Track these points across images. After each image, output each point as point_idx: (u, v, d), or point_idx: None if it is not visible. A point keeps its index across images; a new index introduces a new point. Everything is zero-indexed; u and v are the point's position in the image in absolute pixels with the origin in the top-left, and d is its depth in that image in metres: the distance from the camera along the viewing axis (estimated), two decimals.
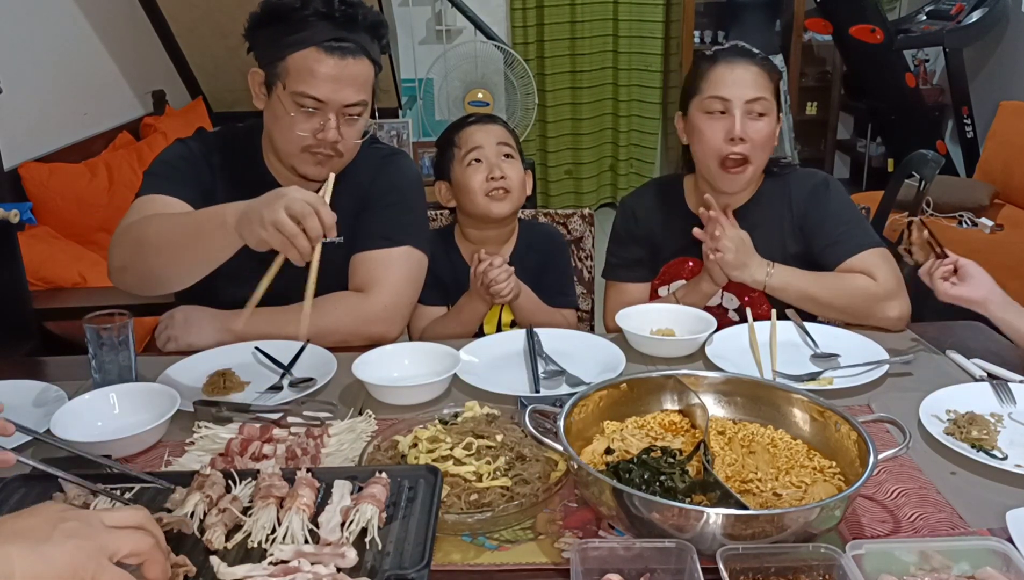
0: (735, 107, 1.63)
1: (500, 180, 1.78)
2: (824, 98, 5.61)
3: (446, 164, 1.86)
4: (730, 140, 1.64)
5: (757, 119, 1.65)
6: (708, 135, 1.66)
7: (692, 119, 1.70)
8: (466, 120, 1.87)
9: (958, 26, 4.61)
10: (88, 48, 3.58)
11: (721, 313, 1.77)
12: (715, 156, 1.66)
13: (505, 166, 1.80)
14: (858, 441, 1.06)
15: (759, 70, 1.66)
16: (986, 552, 0.91)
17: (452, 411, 1.26)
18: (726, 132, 1.64)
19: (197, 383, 1.47)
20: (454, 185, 1.84)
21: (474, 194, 1.79)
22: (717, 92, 1.65)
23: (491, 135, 1.82)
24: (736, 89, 1.64)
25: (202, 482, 1.02)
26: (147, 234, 1.41)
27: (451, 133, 1.87)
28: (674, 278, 1.82)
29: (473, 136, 1.82)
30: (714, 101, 1.65)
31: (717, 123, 1.65)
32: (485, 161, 1.80)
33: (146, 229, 1.42)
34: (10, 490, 1.06)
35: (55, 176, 2.94)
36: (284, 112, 1.50)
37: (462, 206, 1.85)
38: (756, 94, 1.64)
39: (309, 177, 1.57)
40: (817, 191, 1.74)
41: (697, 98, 1.69)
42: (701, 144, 1.69)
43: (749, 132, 1.63)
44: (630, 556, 0.92)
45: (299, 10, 1.45)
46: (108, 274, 1.53)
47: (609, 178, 5.80)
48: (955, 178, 4.53)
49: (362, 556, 0.92)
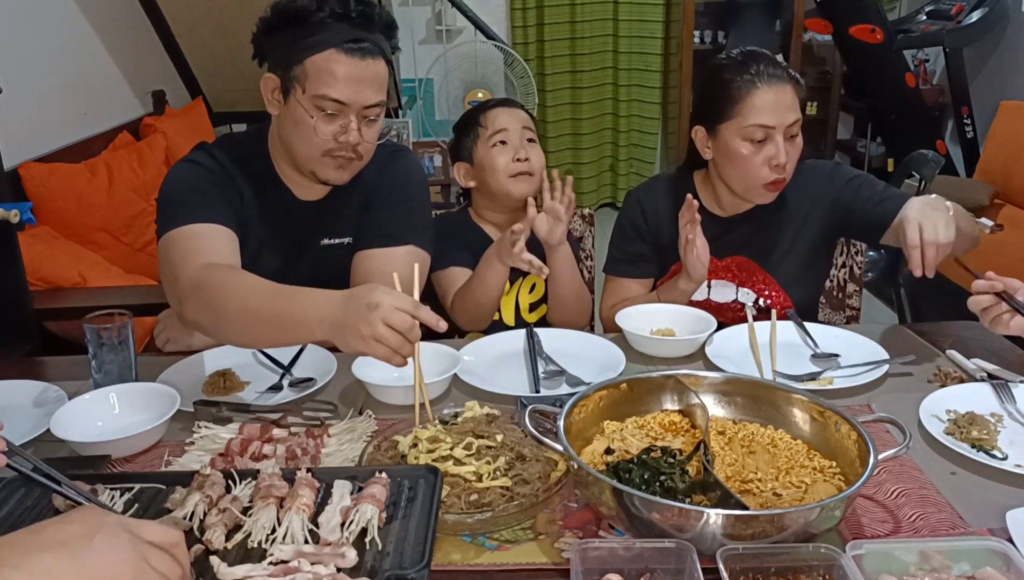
0: (777, 133, 1.61)
1: (525, 162, 1.81)
2: (824, 98, 5.61)
3: (468, 144, 1.87)
4: (774, 166, 1.63)
5: (793, 139, 1.64)
6: (754, 164, 1.64)
7: (729, 144, 1.65)
8: (488, 104, 1.89)
9: (958, 26, 4.60)
10: (88, 48, 3.58)
11: (737, 308, 1.78)
12: (759, 182, 1.65)
13: (529, 149, 1.83)
14: (858, 441, 1.06)
15: (793, 89, 1.64)
16: (986, 552, 0.91)
17: (452, 411, 1.26)
18: (769, 159, 1.62)
19: (197, 383, 1.47)
20: (476, 165, 1.85)
21: (499, 174, 1.81)
22: (760, 120, 1.61)
23: (516, 119, 1.85)
24: (778, 115, 1.61)
25: (202, 482, 1.03)
26: (227, 307, 1.30)
27: (475, 114, 1.88)
28: None
29: (499, 117, 1.84)
30: (756, 130, 1.61)
31: (760, 152, 1.63)
32: (510, 143, 1.82)
33: (226, 299, 1.30)
34: (10, 490, 1.06)
35: (55, 176, 2.94)
36: (304, 116, 1.47)
37: (484, 186, 1.86)
38: (795, 117, 1.63)
39: (330, 181, 1.56)
40: (833, 174, 1.76)
41: (735, 123, 1.63)
42: (743, 171, 1.66)
43: (789, 155, 1.63)
44: (630, 556, 0.92)
45: (315, 12, 1.43)
46: (178, 315, 1.45)
47: (609, 178, 5.80)
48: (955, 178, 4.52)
49: (362, 556, 0.92)
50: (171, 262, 1.44)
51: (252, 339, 1.36)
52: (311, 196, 1.63)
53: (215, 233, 1.48)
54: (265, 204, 1.60)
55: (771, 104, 1.61)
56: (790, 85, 1.64)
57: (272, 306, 1.24)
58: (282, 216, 1.62)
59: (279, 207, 1.61)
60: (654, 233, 1.82)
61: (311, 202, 1.63)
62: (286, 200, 1.62)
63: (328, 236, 1.65)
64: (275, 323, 1.24)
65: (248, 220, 1.58)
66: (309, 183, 1.60)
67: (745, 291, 1.78)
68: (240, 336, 1.34)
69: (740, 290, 1.78)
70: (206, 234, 1.47)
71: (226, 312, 1.29)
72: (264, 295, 1.27)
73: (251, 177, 1.60)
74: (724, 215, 1.78)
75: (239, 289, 1.30)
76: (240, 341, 1.38)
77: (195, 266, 1.38)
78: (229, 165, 1.58)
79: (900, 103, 4.87)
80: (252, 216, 1.59)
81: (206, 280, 1.34)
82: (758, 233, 1.77)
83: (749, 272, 1.77)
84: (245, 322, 1.28)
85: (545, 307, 1.86)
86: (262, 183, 1.60)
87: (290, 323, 1.21)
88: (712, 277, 1.79)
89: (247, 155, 1.61)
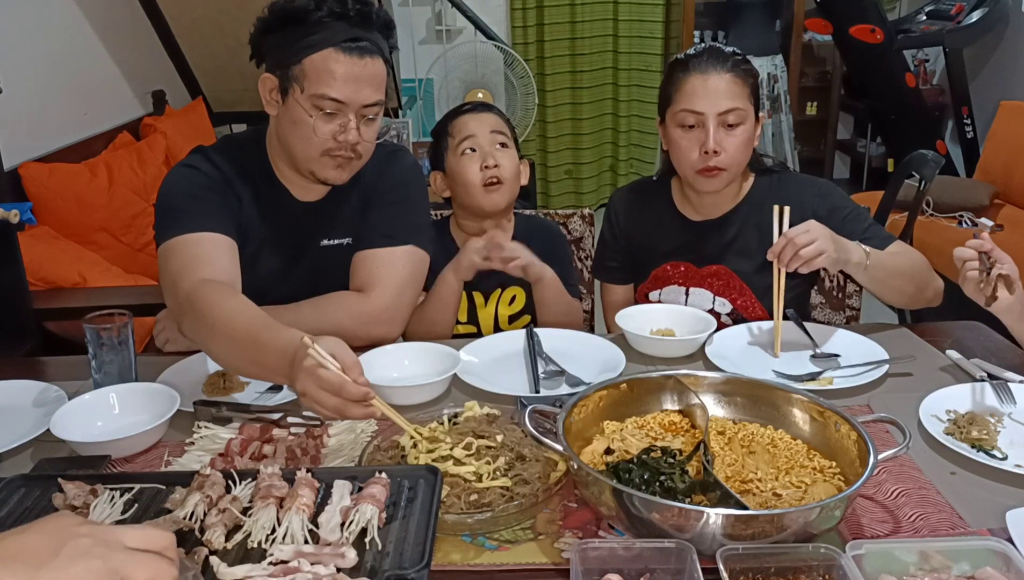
0: (708, 120, 1.61)
1: (494, 169, 1.76)
2: (824, 98, 5.61)
3: (440, 154, 1.84)
4: (704, 153, 1.63)
5: (731, 129, 1.63)
6: (683, 148, 1.65)
7: (668, 130, 1.69)
8: (460, 109, 1.85)
9: (958, 26, 4.61)
10: (88, 48, 3.58)
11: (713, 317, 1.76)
12: (690, 168, 1.66)
13: (499, 155, 1.78)
14: (858, 441, 1.06)
15: (732, 77, 1.63)
16: (986, 552, 0.91)
17: (452, 411, 1.26)
18: (700, 145, 1.63)
19: (197, 383, 1.47)
20: (449, 174, 1.83)
21: (469, 185, 1.77)
22: (689, 105, 1.63)
23: (484, 124, 1.80)
24: (708, 102, 1.61)
25: (202, 482, 1.02)
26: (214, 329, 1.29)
27: (445, 122, 1.85)
28: (666, 283, 1.81)
29: (467, 125, 1.80)
30: (687, 115, 1.63)
31: (691, 136, 1.64)
32: (479, 150, 1.78)
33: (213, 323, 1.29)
34: (10, 490, 1.06)
35: (55, 176, 2.94)
36: (302, 116, 1.47)
37: (456, 197, 1.84)
38: (729, 105, 1.62)
39: (329, 181, 1.56)
40: (826, 193, 1.73)
41: (671, 110, 1.67)
42: (677, 157, 1.69)
43: (723, 144, 1.62)
44: (630, 556, 0.92)
45: (313, 12, 1.43)
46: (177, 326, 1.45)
47: (609, 178, 5.80)
48: (955, 178, 4.53)
49: (362, 556, 0.92)
50: (170, 273, 1.45)
51: (235, 367, 1.37)
52: (310, 197, 1.63)
53: (213, 242, 1.48)
54: (264, 206, 1.60)
55: (701, 90, 1.62)
56: (728, 72, 1.63)
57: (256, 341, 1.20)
58: (281, 217, 1.62)
59: (278, 208, 1.61)
60: (627, 238, 1.84)
61: (310, 203, 1.63)
62: (285, 201, 1.62)
63: (327, 237, 1.65)
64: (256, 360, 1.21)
65: (247, 222, 1.58)
66: (308, 184, 1.60)
67: (721, 300, 1.77)
68: (226, 361, 1.35)
69: (717, 299, 1.77)
70: (204, 243, 1.47)
71: (213, 334, 1.29)
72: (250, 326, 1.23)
73: (249, 179, 1.59)
74: (698, 218, 1.78)
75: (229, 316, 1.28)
76: (226, 365, 1.39)
77: (192, 281, 1.38)
78: (227, 168, 1.58)
79: (900, 103, 4.87)
80: (251, 218, 1.59)
81: (199, 299, 1.33)
82: (735, 240, 1.76)
83: (727, 281, 1.76)
84: (229, 349, 1.28)
85: (527, 318, 1.83)
86: (261, 185, 1.60)
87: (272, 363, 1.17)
88: (691, 285, 1.79)
89: (245, 157, 1.61)
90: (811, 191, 1.73)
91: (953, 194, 3.88)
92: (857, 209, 1.73)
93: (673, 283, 1.80)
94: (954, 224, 3.78)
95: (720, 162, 1.63)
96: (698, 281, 1.78)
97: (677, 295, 1.79)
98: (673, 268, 1.80)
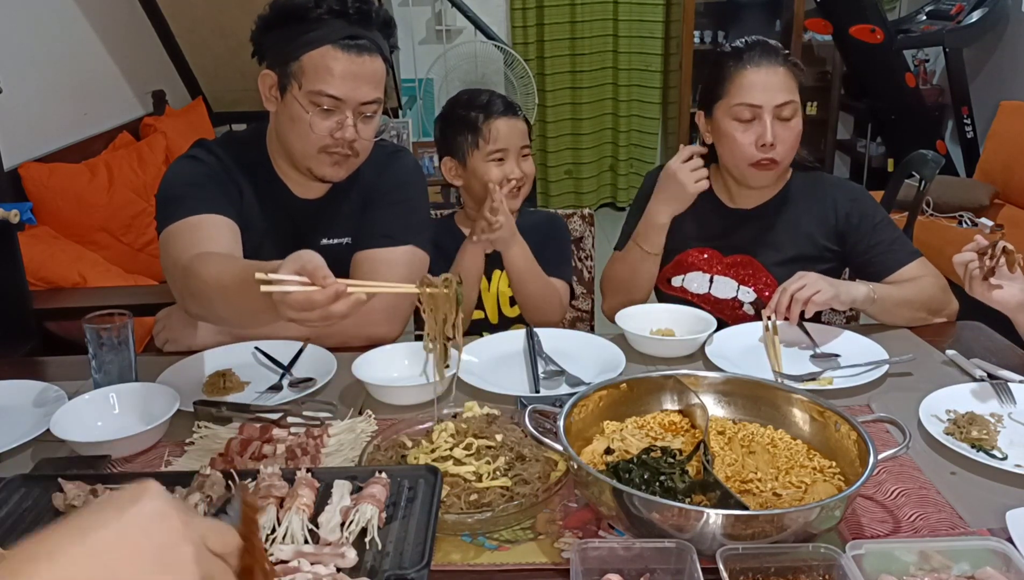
0: (765, 113, 1.62)
1: (519, 179, 1.81)
2: (824, 98, 5.61)
3: (463, 146, 1.81)
4: (761, 146, 1.64)
5: (786, 122, 1.65)
6: (739, 141, 1.66)
7: (720, 124, 1.68)
8: (489, 107, 1.81)
9: (958, 26, 4.61)
10: (88, 48, 3.58)
11: (736, 306, 1.78)
12: (744, 161, 1.67)
13: (524, 165, 1.82)
14: (858, 441, 1.05)
15: (786, 71, 1.65)
16: (986, 552, 0.91)
17: (452, 411, 1.26)
18: (757, 138, 1.64)
19: (197, 383, 1.47)
20: (468, 170, 1.83)
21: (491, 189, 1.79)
22: (746, 99, 1.63)
23: (517, 134, 1.81)
24: (766, 95, 1.62)
25: (202, 482, 1.02)
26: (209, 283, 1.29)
27: (474, 117, 1.80)
28: (689, 269, 1.82)
29: (500, 133, 1.79)
30: (743, 109, 1.64)
31: (748, 130, 1.65)
32: (507, 160, 1.80)
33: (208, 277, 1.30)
34: (10, 490, 1.06)
35: (55, 176, 2.94)
36: (300, 113, 1.48)
37: (470, 190, 1.85)
38: (785, 98, 1.63)
39: (326, 178, 1.57)
40: (859, 198, 1.75)
41: (724, 102, 1.67)
42: (731, 150, 1.68)
43: (779, 136, 1.64)
44: (630, 556, 0.92)
45: (313, 9, 1.44)
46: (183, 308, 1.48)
47: (609, 178, 5.80)
48: (955, 178, 4.53)
49: (362, 556, 0.92)
50: (172, 256, 1.44)
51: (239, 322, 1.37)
52: (310, 194, 1.63)
53: (215, 223, 1.48)
54: (264, 202, 1.61)
55: (759, 84, 1.63)
56: (783, 67, 1.65)
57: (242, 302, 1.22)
58: (281, 214, 1.62)
59: (278, 205, 1.62)
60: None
61: (310, 201, 1.64)
62: (285, 198, 1.62)
63: (327, 236, 1.65)
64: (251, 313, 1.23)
65: (248, 217, 1.58)
66: (308, 181, 1.60)
67: (746, 289, 1.78)
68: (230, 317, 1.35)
69: (741, 288, 1.78)
70: (205, 225, 1.47)
71: (211, 296, 1.30)
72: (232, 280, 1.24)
73: (250, 175, 1.60)
74: (733, 206, 1.79)
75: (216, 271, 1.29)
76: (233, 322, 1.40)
77: (190, 256, 1.38)
78: (228, 162, 1.59)
79: (900, 103, 4.87)
80: (252, 214, 1.59)
81: (193, 268, 1.34)
82: (765, 232, 1.77)
83: (752, 271, 1.78)
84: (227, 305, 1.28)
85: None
86: (261, 181, 1.61)
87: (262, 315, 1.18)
88: (716, 272, 1.80)
89: (246, 153, 1.61)
90: (845, 194, 1.75)
91: (953, 194, 3.88)
92: (888, 219, 1.74)
93: (697, 270, 1.81)
94: (954, 224, 3.78)
95: (776, 155, 1.65)
96: (722, 269, 1.80)
97: (701, 282, 1.80)
98: (697, 254, 1.81)
